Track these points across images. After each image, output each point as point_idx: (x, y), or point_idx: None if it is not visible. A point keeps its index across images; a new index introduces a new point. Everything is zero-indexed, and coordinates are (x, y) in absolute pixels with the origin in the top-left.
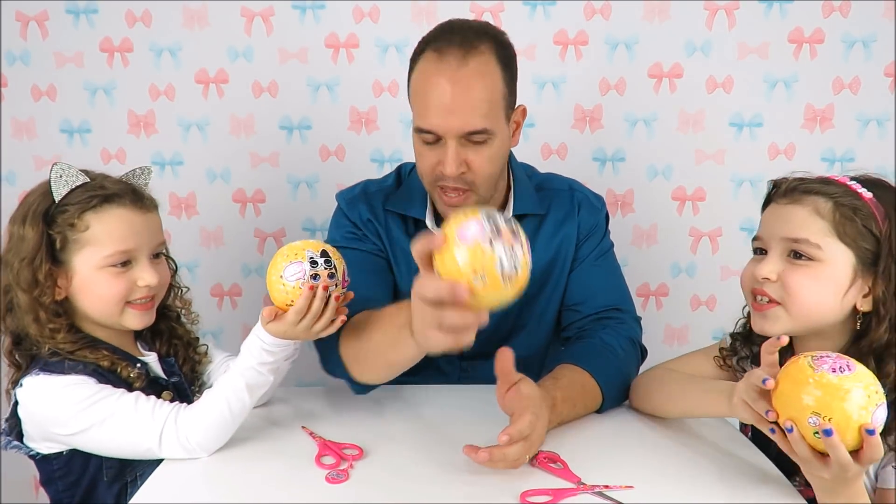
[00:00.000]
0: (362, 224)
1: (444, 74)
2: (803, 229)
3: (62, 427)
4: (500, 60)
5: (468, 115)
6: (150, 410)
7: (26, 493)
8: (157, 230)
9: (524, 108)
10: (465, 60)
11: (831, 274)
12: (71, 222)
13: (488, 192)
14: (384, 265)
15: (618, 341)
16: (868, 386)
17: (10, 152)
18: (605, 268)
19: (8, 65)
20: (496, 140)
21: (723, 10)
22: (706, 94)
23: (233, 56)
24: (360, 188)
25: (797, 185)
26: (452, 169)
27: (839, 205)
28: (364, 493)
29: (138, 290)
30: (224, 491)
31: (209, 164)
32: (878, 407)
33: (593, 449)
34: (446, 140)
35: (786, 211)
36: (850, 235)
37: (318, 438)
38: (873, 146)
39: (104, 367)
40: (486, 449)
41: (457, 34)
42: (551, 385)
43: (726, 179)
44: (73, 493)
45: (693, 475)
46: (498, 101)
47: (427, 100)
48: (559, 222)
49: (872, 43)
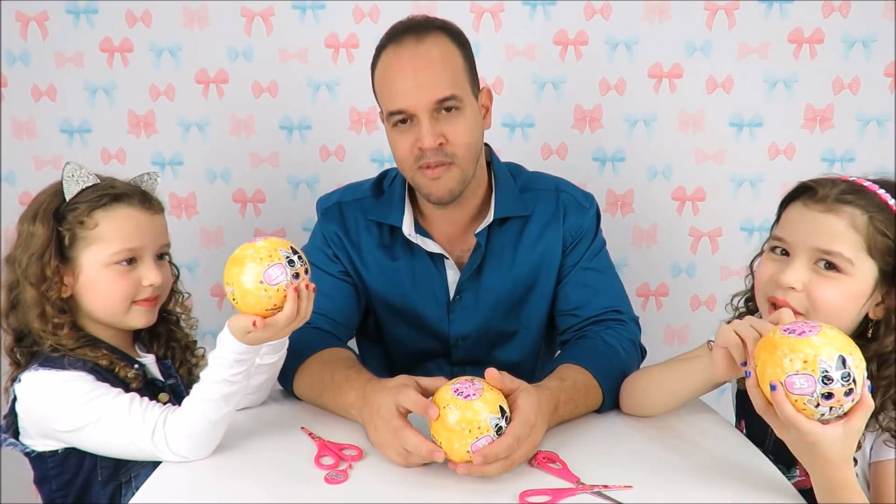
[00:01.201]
0: (332, 241)
1: (403, 57)
2: (838, 243)
3: (60, 423)
4: (454, 40)
5: (434, 85)
6: (142, 412)
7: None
8: (163, 232)
9: (489, 90)
10: (421, 40)
11: (858, 288)
12: (81, 220)
13: (469, 166)
14: (349, 290)
15: (619, 342)
16: (797, 350)
17: (10, 152)
18: (600, 269)
19: (8, 65)
20: (467, 109)
21: (723, 10)
22: (706, 94)
23: (233, 56)
24: (336, 198)
25: (832, 192)
26: (430, 140)
27: (873, 219)
28: (363, 493)
29: (143, 290)
30: (223, 491)
31: (209, 164)
32: (800, 374)
33: (592, 449)
34: (419, 117)
35: (821, 219)
36: (879, 250)
37: (318, 439)
38: (873, 146)
39: (103, 365)
40: (465, 465)
41: (408, 27)
42: (556, 387)
43: (726, 179)
44: (66, 492)
45: (692, 475)
46: (459, 71)
47: (392, 84)
48: (544, 224)
49: (872, 43)
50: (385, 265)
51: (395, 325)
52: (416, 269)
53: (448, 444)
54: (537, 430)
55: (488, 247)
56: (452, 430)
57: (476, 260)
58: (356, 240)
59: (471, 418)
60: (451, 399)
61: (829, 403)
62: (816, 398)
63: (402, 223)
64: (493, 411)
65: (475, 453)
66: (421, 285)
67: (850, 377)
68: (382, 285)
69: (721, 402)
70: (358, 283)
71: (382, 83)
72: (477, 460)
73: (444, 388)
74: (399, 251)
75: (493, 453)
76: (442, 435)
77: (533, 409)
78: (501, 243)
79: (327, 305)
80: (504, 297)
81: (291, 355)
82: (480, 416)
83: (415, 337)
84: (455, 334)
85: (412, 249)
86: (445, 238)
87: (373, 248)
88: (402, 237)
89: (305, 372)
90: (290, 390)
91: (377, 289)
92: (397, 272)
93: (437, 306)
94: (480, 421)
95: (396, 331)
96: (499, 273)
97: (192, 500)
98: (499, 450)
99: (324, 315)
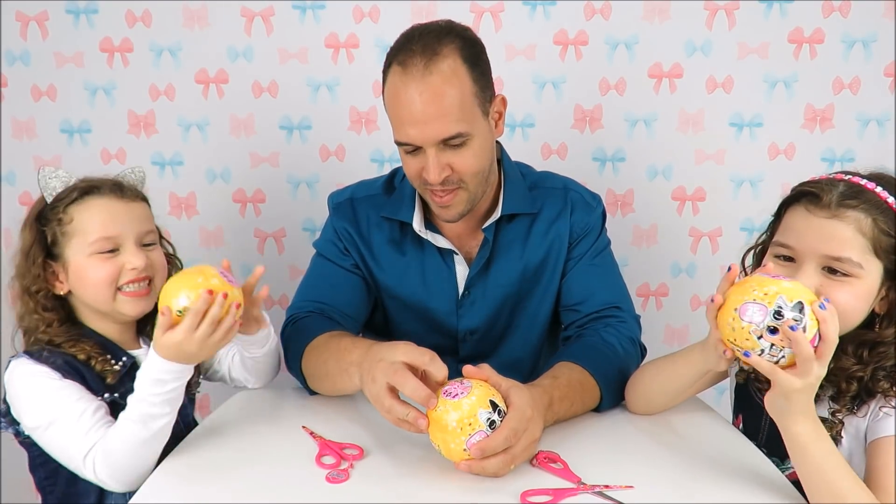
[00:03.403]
0: (343, 235)
1: (409, 87)
2: (847, 249)
3: (25, 417)
4: (465, 60)
5: (440, 124)
6: (87, 428)
7: (26, 493)
8: (143, 219)
9: (503, 97)
10: (429, 69)
11: (867, 288)
12: (59, 217)
13: (479, 187)
14: (359, 283)
15: (618, 340)
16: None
17: (10, 152)
18: (603, 266)
19: (8, 65)
20: (475, 139)
21: (723, 10)
22: (706, 94)
23: (233, 56)
24: (348, 194)
25: (834, 196)
26: (434, 176)
27: (877, 221)
28: (364, 493)
29: (126, 273)
30: (224, 491)
31: (209, 164)
32: (756, 303)
33: (593, 449)
34: (425, 149)
35: (827, 226)
36: (884, 250)
37: (319, 438)
38: (873, 146)
39: (80, 360)
40: (466, 462)
41: (417, 42)
42: (550, 384)
43: (726, 179)
44: (54, 481)
45: (693, 475)
46: (469, 101)
47: (399, 114)
48: (551, 221)
49: (872, 43)
50: (395, 260)
51: (404, 320)
52: (425, 264)
53: (445, 446)
54: (535, 423)
55: (496, 242)
56: (446, 430)
57: (484, 255)
58: (367, 235)
59: (461, 416)
60: (441, 402)
61: (772, 339)
62: (762, 329)
63: (413, 219)
64: (483, 406)
65: (470, 448)
66: (430, 281)
67: (802, 323)
68: (392, 281)
69: (721, 402)
70: (368, 278)
71: (389, 106)
72: (474, 454)
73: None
74: (409, 247)
75: (489, 446)
76: (438, 438)
77: (527, 403)
78: (509, 238)
79: (338, 297)
80: (511, 291)
81: (300, 337)
82: (470, 413)
83: (423, 332)
84: (463, 329)
85: (422, 245)
86: (455, 234)
87: (383, 243)
88: (411, 233)
89: (313, 346)
90: (297, 370)
91: (387, 284)
92: (407, 267)
93: (447, 301)
94: (471, 417)
95: (405, 326)
96: (507, 268)
97: (193, 498)
98: (495, 443)
99: (334, 307)
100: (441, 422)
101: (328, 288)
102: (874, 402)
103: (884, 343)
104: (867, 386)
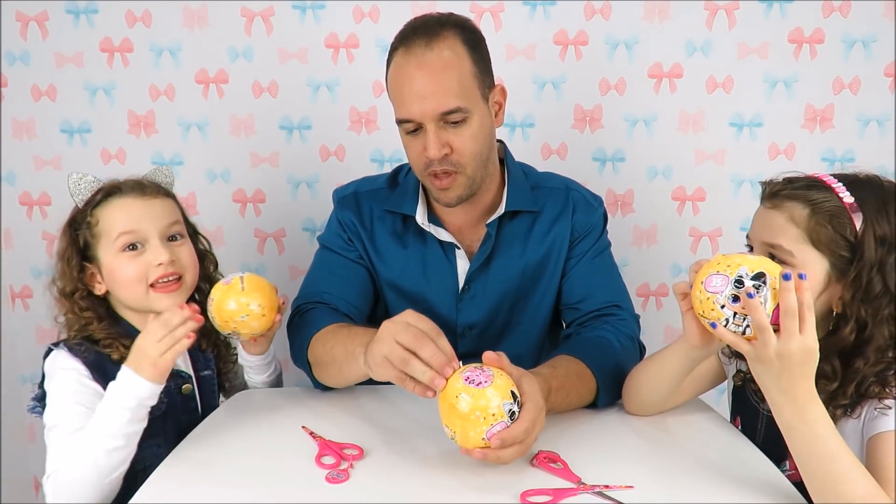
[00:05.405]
0: (348, 228)
1: (411, 64)
2: (778, 235)
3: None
4: (465, 42)
5: (440, 97)
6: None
7: (26, 493)
8: (165, 214)
9: (503, 87)
10: (430, 46)
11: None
12: (87, 221)
13: (476, 172)
14: (364, 274)
15: (616, 337)
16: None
17: (10, 152)
18: (603, 266)
19: (8, 65)
20: (474, 118)
21: (723, 10)
22: (706, 94)
23: (233, 56)
24: (353, 188)
25: (780, 189)
26: (434, 151)
27: (815, 212)
28: (364, 493)
29: (154, 270)
30: (224, 491)
31: (209, 164)
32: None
33: (593, 449)
34: (425, 125)
35: (767, 215)
36: (823, 242)
37: (318, 438)
38: (873, 146)
39: (113, 360)
40: (481, 450)
41: (420, 28)
42: (549, 373)
43: (726, 179)
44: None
45: (693, 475)
46: (468, 79)
47: (401, 91)
48: (553, 220)
49: (872, 43)
50: (397, 253)
51: None
52: (427, 257)
53: (463, 433)
54: (544, 413)
55: (498, 237)
56: (467, 419)
57: (486, 250)
58: (370, 228)
59: (484, 406)
60: (463, 388)
61: (734, 307)
62: (724, 298)
63: (416, 212)
64: (506, 397)
65: (491, 438)
66: (431, 274)
67: (762, 293)
68: (394, 273)
69: (721, 402)
70: (371, 269)
71: (393, 87)
72: (495, 444)
73: (454, 377)
74: (411, 239)
75: (511, 437)
76: (456, 424)
77: (539, 393)
78: (511, 235)
79: (344, 288)
80: (512, 287)
81: (307, 328)
82: (494, 403)
83: None
84: (462, 323)
85: (424, 238)
86: (457, 229)
87: (385, 236)
88: (414, 226)
89: (320, 336)
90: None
91: (388, 277)
92: (409, 260)
93: (447, 295)
94: (494, 408)
95: None
96: (508, 264)
97: (193, 498)
98: (517, 433)
99: (340, 297)
100: (462, 409)
101: (334, 279)
102: (868, 403)
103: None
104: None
